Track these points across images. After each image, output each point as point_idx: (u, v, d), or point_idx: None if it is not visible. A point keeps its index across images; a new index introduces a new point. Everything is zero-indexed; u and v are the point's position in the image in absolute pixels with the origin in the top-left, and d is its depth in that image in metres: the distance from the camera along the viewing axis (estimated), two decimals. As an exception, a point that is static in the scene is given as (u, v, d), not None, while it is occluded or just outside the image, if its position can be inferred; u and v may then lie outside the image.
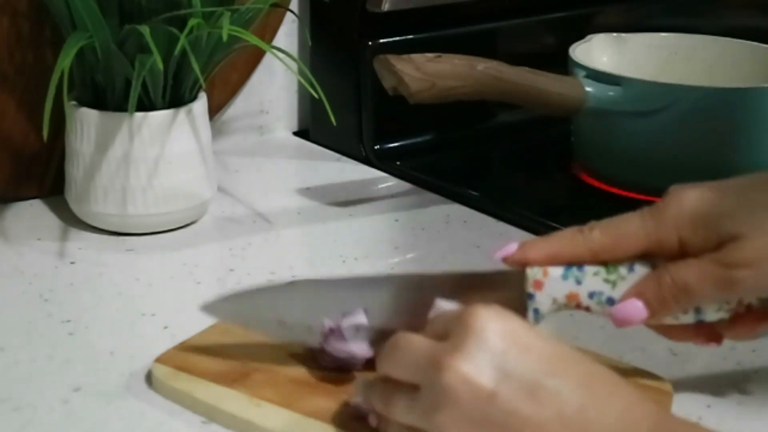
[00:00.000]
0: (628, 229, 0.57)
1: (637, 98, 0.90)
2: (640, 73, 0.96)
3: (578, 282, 0.57)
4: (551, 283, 0.57)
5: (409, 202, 0.93)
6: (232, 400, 0.58)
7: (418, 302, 0.57)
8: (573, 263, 0.57)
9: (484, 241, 0.85)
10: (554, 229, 0.84)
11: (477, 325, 0.49)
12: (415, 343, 0.51)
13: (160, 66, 0.73)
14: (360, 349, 0.59)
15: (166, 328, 0.69)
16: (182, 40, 0.74)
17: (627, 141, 0.93)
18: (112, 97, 0.81)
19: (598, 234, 0.57)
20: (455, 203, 0.92)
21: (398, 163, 1.00)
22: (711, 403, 0.62)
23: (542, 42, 1.12)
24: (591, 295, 0.57)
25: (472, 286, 0.57)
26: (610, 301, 0.57)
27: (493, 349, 0.49)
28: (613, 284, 0.57)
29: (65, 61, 0.73)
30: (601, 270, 0.57)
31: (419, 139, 1.04)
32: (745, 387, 0.64)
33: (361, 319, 0.59)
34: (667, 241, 0.56)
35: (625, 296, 0.57)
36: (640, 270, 0.57)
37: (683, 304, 0.56)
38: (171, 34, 0.76)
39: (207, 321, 0.67)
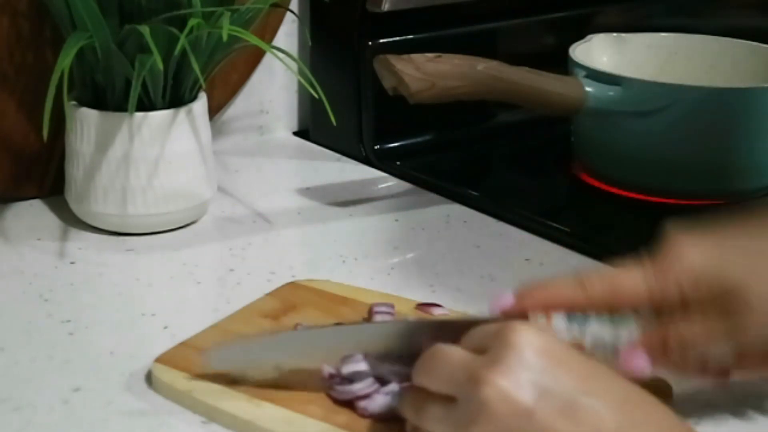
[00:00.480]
0: (629, 282, 0.56)
1: (637, 98, 0.90)
2: (640, 73, 0.96)
3: (581, 329, 0.56)
4: (555, 330, 0.56)
5: (409, 202, 0.93)
6: (232, 401, 0.58)
7: (418, 348, 0.56)
8: (572, 311, 0.57)
9: (484, 241, 0.85)
10: (554, 229, 0.85)
11: (516, 341, 0.49)
12: (453, 355, 0.51)
13: (160, 66, 0.73)
14: (364, 387, 0.58)
15: (166, 328, 0.69)
16: (182, 40, 0.74)
17: (627, 141, 0.93)
18: (112, 97, 0.81)
19: (598, 285, 0.57)
20: (455, 203, 0.92)
21: (398, 163, 1.00)
22: (711, 403, 0.62)
23: (542, 42, 1.12)
24: (595, 343, 0.56)
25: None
26: (614, 349, 0.56)
27: (533, 366, 0.49)
28: (617, 333, 0.56)
29: (65, 61, 0.73)
30: (605, 319, 0.57)
31: (419, 139, 1.04)
32: (744, 388, 0.63)
33: (360, 365, 0.58)
34: (668, 296, 0.56)
35: (631, 349, 0.56)
36: (644, 318, 0.57)
37: (689, 358, 0.56)
38: (171, 34, 0.76)
39: (207, 321, 0.67)
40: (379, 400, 0.57)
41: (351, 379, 0.58)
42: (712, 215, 0.58)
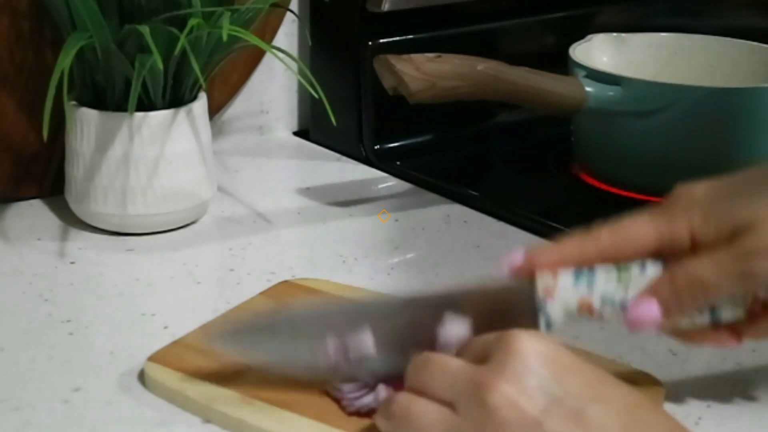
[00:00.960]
0: (637, 227, 0.56)
1: (637, 98, 0.90)
2: (640, 73, 0.96)
3: (589, 285, 0.55)
4: (562, 289, 0.55)
5: (409, 202, 0.93)
6: (225, 399, 0.58)
7: (426, 319, 0.55)
8: (582, 266, 0.56)
9: (484, 241, 0.85)
10: (554, 228, 0.85)
11: (520, 348, 0.49)
12: (452, 363, 0.51)
13: (160, 66, 0.73)
14: (353, 389, 0.58)
15: (165, 328, 0.69)
16: (182, 40, 0.74)
17: (627, 141, 0.93)
18: (112, 97, 0.81)
19: (606, 234, 0.56)
20: (455, 203, 0.92)
21: (398, 163, 1.00)
22: (711, 403, 0.62)
23: (542, 42, 1.12)
24: (603, 300, 0.55)
25: (480, 300, 0.56)
26: (623, 305, 0.55)
27: (538, 374, 0.48)
28: (626, 286, 0.55)
29: (65, 61, 0.73)
30: (613, 270, 0.56)
31: (419, 139, 1.04)
32: (745, 387, 0.64)
33: (367, 341, 0.57)
34: (678, 236, 0.55)
35: (638, 297, 0.55)
36: (652, 269, 0.55)
37: (699, 302, 0.54)
38: (171, 34, 0.76)
39: (207, 321, 0.67)
40: (366, 399, 0.57)
41: (356, 363, 0.57)
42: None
